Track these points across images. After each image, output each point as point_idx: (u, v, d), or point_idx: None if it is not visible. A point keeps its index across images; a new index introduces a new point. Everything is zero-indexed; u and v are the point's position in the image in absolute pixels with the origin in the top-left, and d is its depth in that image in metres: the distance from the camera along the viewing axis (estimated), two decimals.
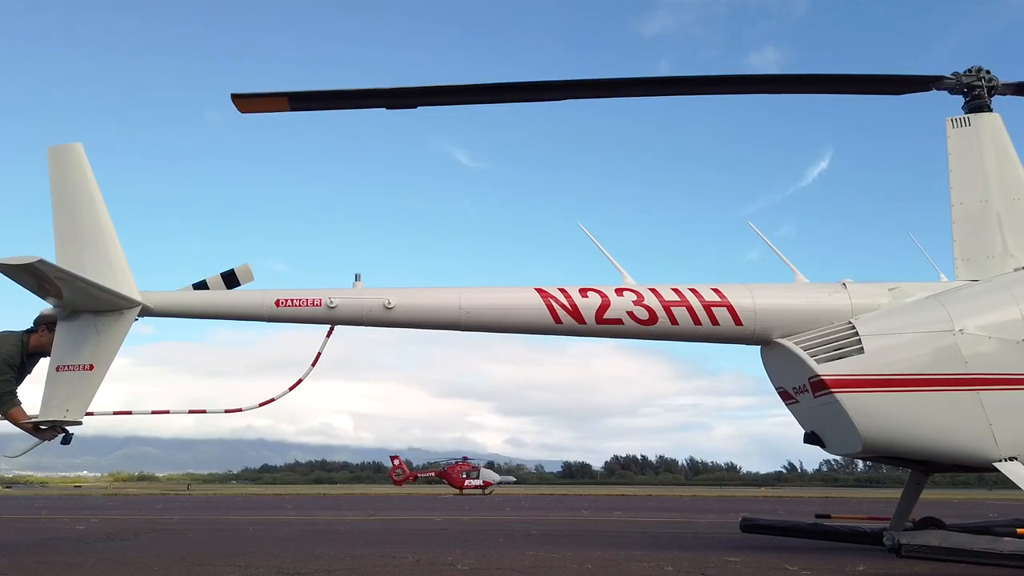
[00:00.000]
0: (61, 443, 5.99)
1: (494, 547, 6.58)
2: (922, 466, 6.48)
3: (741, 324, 6.30)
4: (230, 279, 6.53)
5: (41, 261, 5.38)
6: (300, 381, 6.47)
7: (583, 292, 6.54)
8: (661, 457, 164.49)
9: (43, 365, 6.03)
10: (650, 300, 6.40)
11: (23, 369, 5.99)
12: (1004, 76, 6.82)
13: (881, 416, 5.71)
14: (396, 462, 45.51)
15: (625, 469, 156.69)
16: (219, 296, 6.43)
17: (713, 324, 6.31)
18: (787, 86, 7.11)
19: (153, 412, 7.00)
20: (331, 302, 6.33)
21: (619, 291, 6.50)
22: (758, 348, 6.65)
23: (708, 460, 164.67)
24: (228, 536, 7.84)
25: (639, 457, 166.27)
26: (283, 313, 6.38)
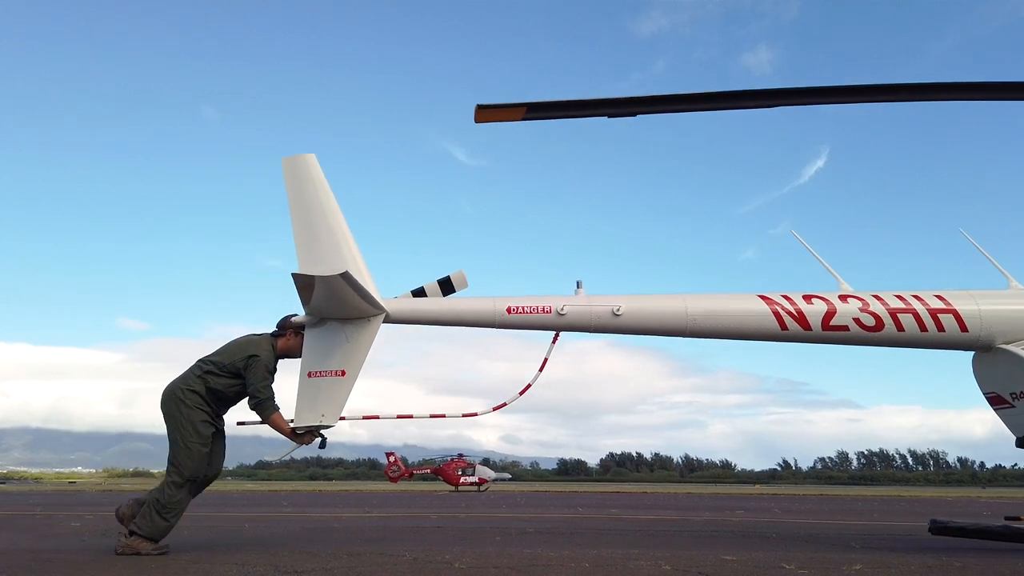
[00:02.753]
0: (319, 447, 6.11)
1: (491, 545, 6.58)
2: None
3: (967, 330, 6.48)
4: (446, 285, 6.80)
5: (346, 274, 5.73)
6: (529, 386, 6.68)
7: (807, 299, 6.71)
8: (656, 454, 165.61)
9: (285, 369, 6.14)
10: (875, 307, 6.58)
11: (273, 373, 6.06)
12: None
13: None
14: (392, 459, 45.51)
15: (620, 466, 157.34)
16: (455, 303, 6.70)
17: (939, 330, 6.48)
18: (900, 95, 6.55)
19: (398, 416, 7.02)
20: (561, 309, 6.58)
21: (843, 298, 6.67)
22: (743, 349, 6.72)
23: (703, 458, 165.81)
24: (224, 533, 7.82)
25: (634, 455, 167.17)
26: (514, 320, 6.63)
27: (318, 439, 6.09)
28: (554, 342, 6.75)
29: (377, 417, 6.77)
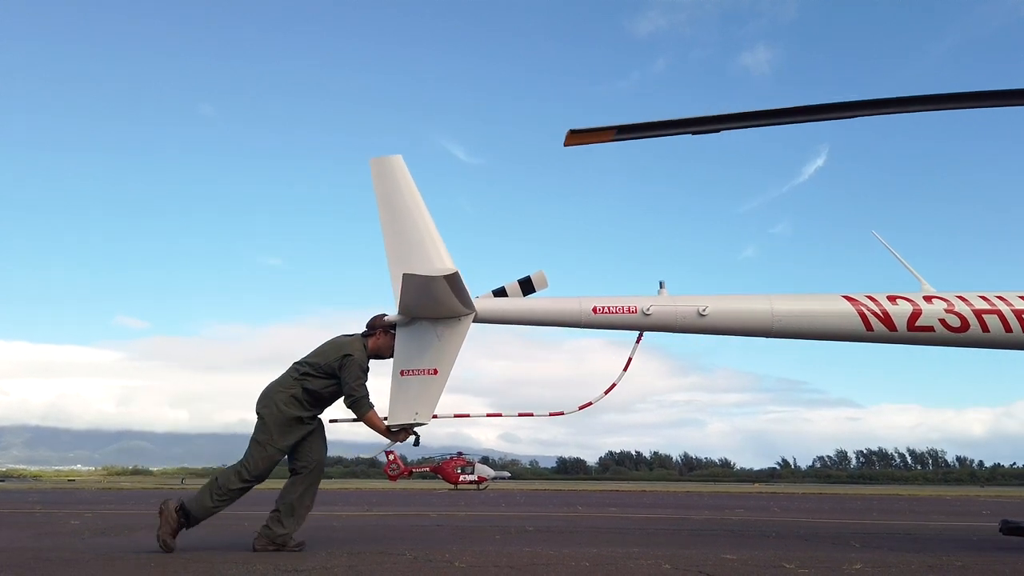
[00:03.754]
0: (413, 444, 6.19)
1: (491, 544, 6.57)
2: None
3: None
4: (526, 285, 6.85)
5: (457, 273, 5.85)
6: (614, 385, 6.71)
7: (891, 299, 6.74)
8: (655, 453, 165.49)
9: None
10: (960, 307, 6.59)
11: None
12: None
13: None
14: (391, 457, 45.46)
15: (619, 465, 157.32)
16: (542, 303, 6.76)
17: None
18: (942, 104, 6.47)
19: (488, 415, 7.16)
20: (647, 310, 6.60)
21: (928, 298, 6.69)
22: (742, 348, 6.81)
23: (702, 456, 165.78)
24: (223, 531, 7.81)
25: (633, 453, 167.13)
26: (599, 320, 6.66)
27: (412, 436, 6.20)
28: (638, 342, 6.81)
29: (468, 415, 6.87)
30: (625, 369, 6.75)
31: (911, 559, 5.70)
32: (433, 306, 6.18)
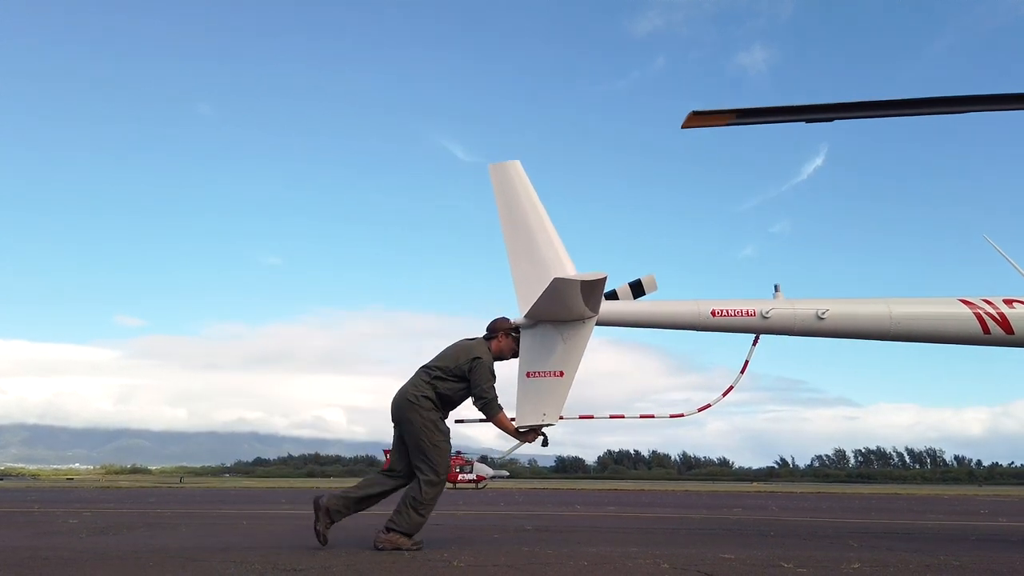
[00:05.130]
0: (541, 445, 6.22)
1: (489, 543, 6.57)
2: None
3: None
4: (637, 288, 6.94)
5: (605, 278, 5.97)
6: (731, 388, 6.81)
7: (1008, 303, 6.80)
8: (654, 452, 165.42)
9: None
10: None
11: None
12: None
13: None
14: (389, 456, 45.43)
15: (618, 464, 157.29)
16: (661, 306, 6.86)
17: None
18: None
19: (611, 416, 7.11)
20: (766, 313, 6.71)
21: None
22: (740, 347, 6.91)
23: (700, 455, 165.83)
24: (222, 531, 7.81)
25: (632, 452, 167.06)
26: (718, 323, 6.76)
27: (540, 437, 6.25)
28: (754, 345, 6.89)
29: (592, 417, 6.89)
30: (742, 371, 6.86)
31: (909, 558, 5.71)
32: (566, 310, 6.26)
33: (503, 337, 6.28)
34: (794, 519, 11.79)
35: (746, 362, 6.86)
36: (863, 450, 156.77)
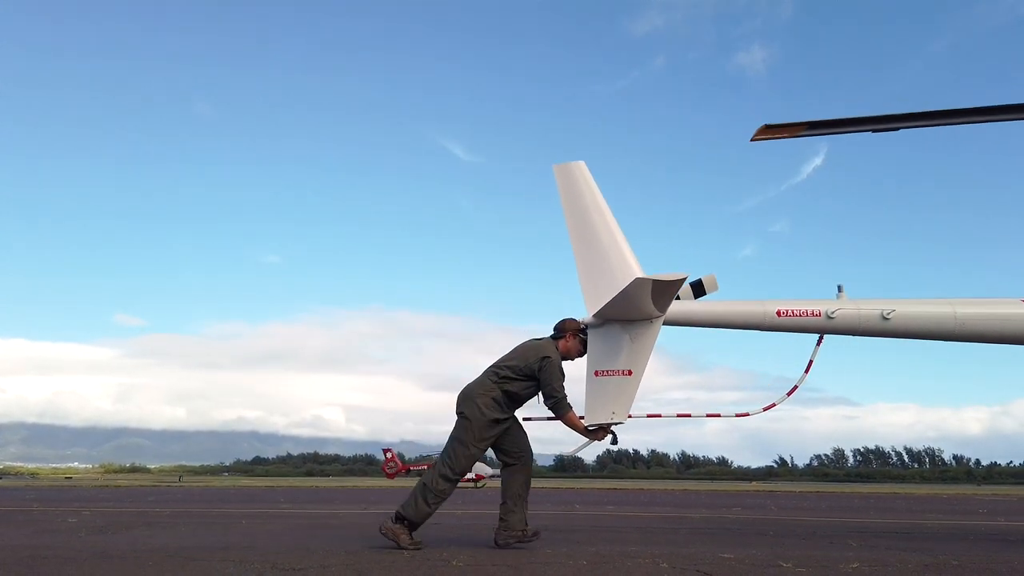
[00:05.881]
0: (611, 444, 6.29)
1: (488, 542, 6.57)
2: None
3: None
4: (698, 288, 7.00)
5: (686, 278, 6.07)
6: (796, 388, 6.85)
7: None
8: (653, 451, 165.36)
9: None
10: None
11: None
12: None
13: None
14: (388, 455, 45.47)
15: (617, 463, 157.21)
16: (726, 306, 6.94)
17: None
18: None
19: (678, 415, 7.22)
20: (832, 313, 6.77)
21: None
22: (738, 346, 6.96)
23: (700, 454, 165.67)
24: (221, 530, 7.81)
25: (631, 451, 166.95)
26: (783, 323, 6.83)
27: (609, 436, 6.32)
28: (819, 345, 6.94)
29: (659, 416, 6.99)
30: (807, 372, 6.91)
31: (908, 557, 5.71)
32: (641, 309, 6.30)
33: (570, 337, 6.34)
34: (793, 518, 11.79)
35: (810, 362, 6.92)
36: (862, 449, 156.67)
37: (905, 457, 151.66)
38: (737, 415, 7.09)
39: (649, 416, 6.84)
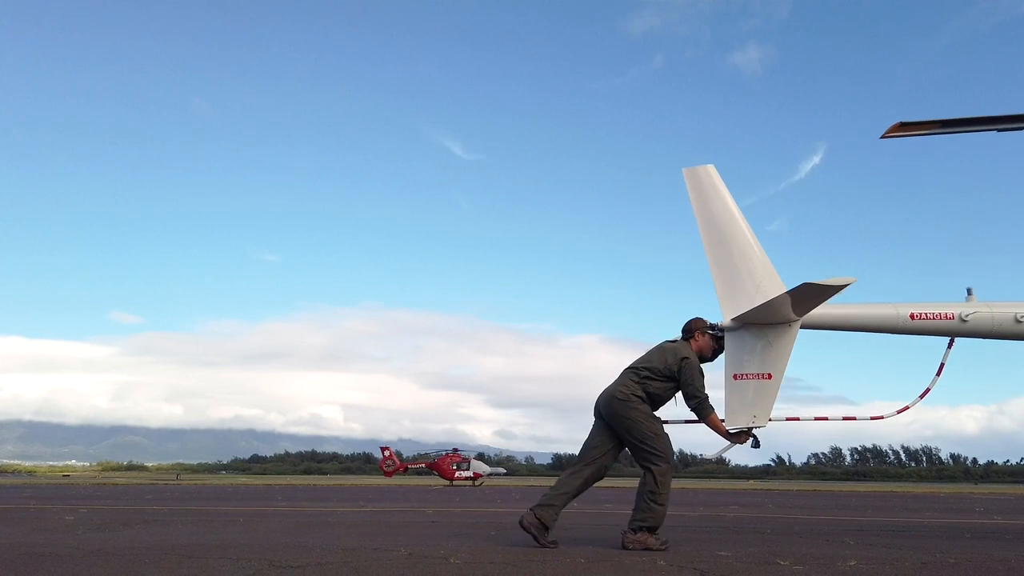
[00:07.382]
0: (752, 447, 6.22)
1: (486, 540, 6.57)
2: None
3: None
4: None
5: (853, 282, 5.97)
6: (928, 390, 6.87)
7: None
8: None
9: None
10: None
11: None
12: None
13: None
14: (386, 453, 45.48)
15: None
16: (861, 309, 6.95)
17: None
18: None
19: (816, 419, 7.12)
20: (965, 316, 6.78)
21: None
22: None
23: (697, 453, 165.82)
24: (218, 528, 7.80)
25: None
26: (916, 325, 6.87)
27: (751, 439, 6.26)
28: (949, 347, 6.97)
29: (797, 419, 6.91)
30: (938, 374, 6.93)
31: (905, 556, 5.72)
32: (777, 313, 6.30)
33: (700, 336, 6.33)
34: (790, 517, 11.80)
35: (942, 364, 6.94)
36: (859, 448, 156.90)
37: (902, 456, 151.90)
38: (872, 418, 7.10)
39: (788, 419, 6.79)
